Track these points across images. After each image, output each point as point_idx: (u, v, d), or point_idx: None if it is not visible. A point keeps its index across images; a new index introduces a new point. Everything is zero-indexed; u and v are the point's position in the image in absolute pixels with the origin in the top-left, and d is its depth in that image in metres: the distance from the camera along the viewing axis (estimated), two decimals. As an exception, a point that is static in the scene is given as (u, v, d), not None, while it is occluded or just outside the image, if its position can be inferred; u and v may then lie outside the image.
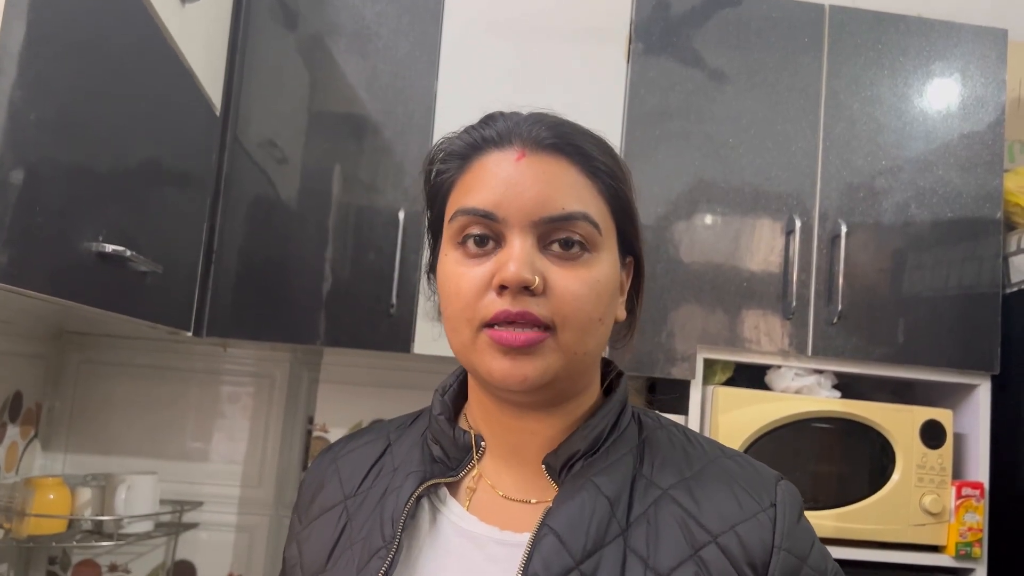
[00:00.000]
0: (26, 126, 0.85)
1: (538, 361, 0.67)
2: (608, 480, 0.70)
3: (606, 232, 0.71)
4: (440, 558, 0.71)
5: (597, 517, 0.68)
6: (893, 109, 1.80)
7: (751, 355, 1.73)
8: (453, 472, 0.76)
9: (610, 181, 0.72)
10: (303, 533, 0.80)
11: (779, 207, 1.76)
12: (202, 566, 1.89)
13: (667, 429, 0.78)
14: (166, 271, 1.30)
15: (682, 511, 0.69)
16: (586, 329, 0.68)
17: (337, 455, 0.84)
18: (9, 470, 1.72)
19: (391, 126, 1.72)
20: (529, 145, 0.70)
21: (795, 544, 0.69)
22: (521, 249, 0.67)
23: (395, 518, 0.72)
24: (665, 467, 0.73)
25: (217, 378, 1.94)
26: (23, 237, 0.86)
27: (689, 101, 1.77)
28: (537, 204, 0.68)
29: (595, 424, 0.73)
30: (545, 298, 0.67)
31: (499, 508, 0.73)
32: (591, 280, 0.69)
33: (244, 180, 1.68)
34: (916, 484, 1.69)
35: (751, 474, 0.73)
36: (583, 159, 0.71)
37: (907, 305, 1.76)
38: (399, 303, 1.65)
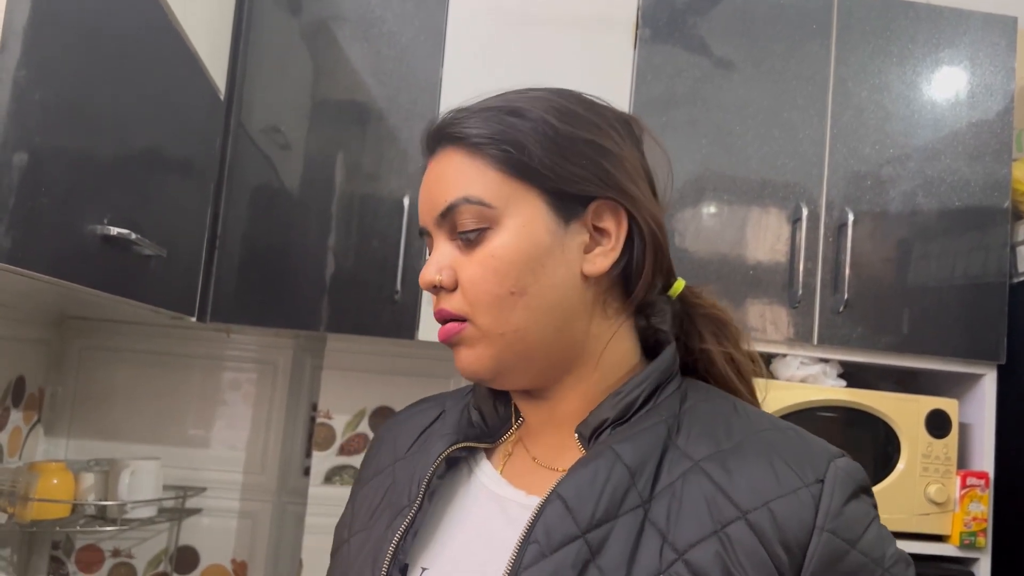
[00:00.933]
0: (30, 107, 0.84)
1: (468, 350, 0.70)
2: (631, 447, 0.66)
3: (504, 201, 0.68)
4: (462, 519, 0.72)
5: (612, 485, 0.64)
6: (901, 97, 1.79)
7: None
8: (490, 438, 0.76)
9: (501, 145, 0.68)
10: (357, 495, 0.82)
11: (786, 195, 1.75)
12: (205, 551, 1.89)
13: (713, 401, 0.72)
14: (170, 256, 1.29)
15: (712, 484, 0.64)
16: (497, 306, 0.67)
17: (397, 420, 0.87)
18: (12, 455, 1.72)
19: (395, 112, 1.71)
20: (437, 149, 0.72)
21: (842, 526, 0.62)
22: (434, 251, 0.71)
23: (421, 478, 0.72)
24: (701, 438, 0.67)
25: (220, 364, 1.94)
26: (27, 219, 0.86)
27: (696, 89, 1.76)
28: (431, 205, 0.71)
29: (627, 391, 0.70)
30: (457, 292, 0.69)
31: (530, 473, 0.72)
32: (485, 259, 0.68)
33: (248, 166, 1.67)
34: (921, 473, 1.68)
35: (799, 448, 0.66)
36: (464, 137, 0.70)
37: (913, 294, 1.75)
38: (403, 290, 1.65)
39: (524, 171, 0.69)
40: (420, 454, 0.77)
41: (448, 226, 0.70)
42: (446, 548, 0.70)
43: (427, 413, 0.84)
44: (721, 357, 0.78)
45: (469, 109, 0.72)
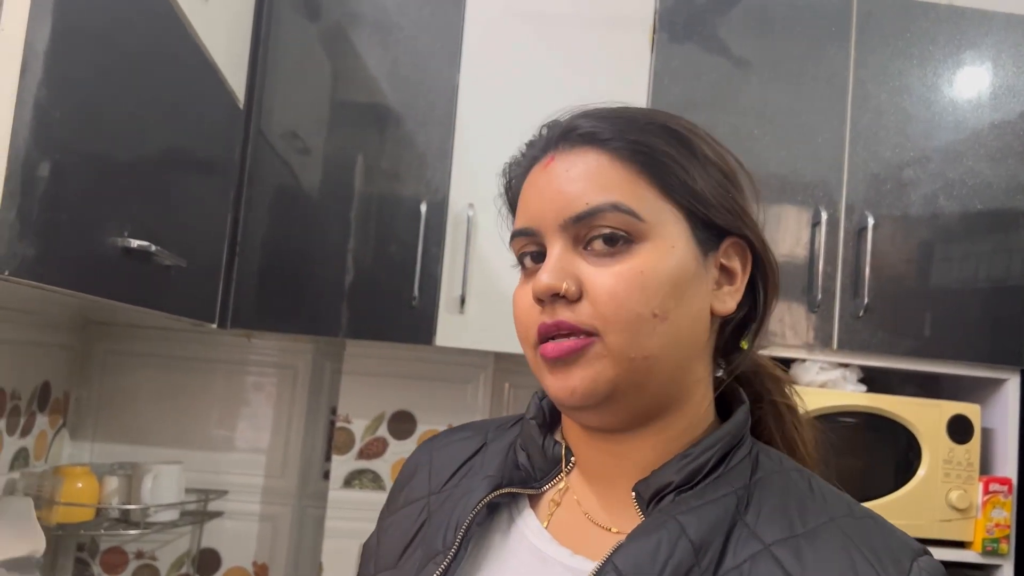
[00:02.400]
0: (51, 123, 0.86)
1: (585, 370, 0.61)
2: (697, 521, 0.60)
3: (655, 218, 0.63)
4: (500, 573, 0.66)
5: (675, 562, 0.58)
6: (922, 99, 1.77)
7: (776, 348, 1.72)
8: (536, 483, 0.70)
9: (661, 162, 0.64)
10: (385, 522, 0.78)
11: (805, 199, 1.74)
12: (227, 554, 1.91)
13: (787, 474, 0.66)
14: (190, 264, 1.31)
15: (783, 573, 0.58)
16: (636, 328, 0.61)
17: (434, 446, 0.81)
18: (39, 459, 1.74)
19: (413, 117, 1.72)
20: (560, 144, 0.66)
21: None
22: (553, 256, 0.63)
23: (459, 524, 0.67)
24: (773, 518, 0.62)
25: (241, 368, 1.95)
26: (48, 233, 0.87)
27: (714, 91, 1.76)
28: (562, 205, 0.63)
29: (696, 454, 0.64)
30: (584, 303, 0.62)
31: (579, 529, 0.67)
32: (632, 272, 0.61)
33: (267, 172, 1.69)
34: (943, 479, 1.67)
35: (880, 540, 0.60)
36: (620, 142, 0.64)
37: (935, 298, 1.73)
38: (421, 295, 1.66)
39: (675, 189, 0.64)
40: (458, 492, 0.72)
41: (576, 232, 0.63)
42: None
43: (468, 443, 0.78)
44: (786, 411, 0.74)
45: (604, 113, 0.67)
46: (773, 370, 0.75)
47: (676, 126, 0.67)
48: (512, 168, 0.73)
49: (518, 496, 0.71)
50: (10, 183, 0.78)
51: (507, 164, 0.73)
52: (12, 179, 0.78)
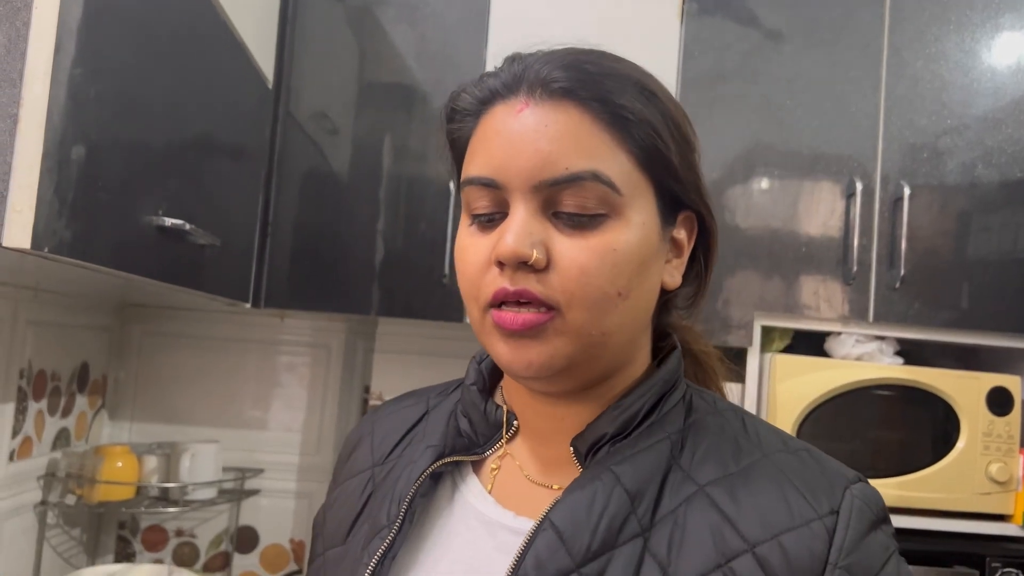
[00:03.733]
0: (86, 103, 0.86)
1: (543, 346, 0.59)
2: (632, 470, 0.61)
3: (631, 191, 0.60)
4: (446, 541, 0.66)
5: (611, 512, 0.59)
6: (959, 65, 1.73)
7: (810, 322, 1.70)
8: (479, 449, 0.70)
9: (640, 129, 0.61)
10: (330, 497, 0.77)
11: (839, 170, 1.71)
12: (264, 531, 1.94)
13: (722, 415, 0.67)
14: (224, 244, 1.32)
15: (717, 513, 0.59)
16: (601, 307, 0.59)
17: (377, 417, 0.80)
18: (79, 439, 1.78)
19: (441, 95, 1.69)
20: (536, 92, 0.61)
21: (858, 562, 0.57)
22: (520, 219, 0.59)
23: (402, 496, 0.66)
24: (707, 459, 0.62)
25: (275, 348, 1.97)
26: (86, 212, 0.88)
27: (744, 62, 1.73)
28: (537, 165, 0.59)
29: (628, 404, 0.64)
30: (550, 273, 0.59)
31: (521, 490, 0.66)
32: (604, 249, 0.59)
33: (297, 152, 1.69)
34: (982, 452, 1.65)
35: (814, 473, 0.61)
36: (601, 104, 0.60)
37: (972, 269, 1.70)
38: (451, 273, 1.66)
39: (655, 164, 0.62)
40: (402, 463, 0.71)
41: (548, 195, 0.60)
42: (428, 575, 0.65)
43: (410, 411, 0.78)
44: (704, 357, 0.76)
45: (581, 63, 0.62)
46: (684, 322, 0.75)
47: (655, 88, 0.64)
48: (461, 96, 0.66)
49: (462, 463, 0.70)
50: (47, 161, 0.79)
51: (455, 91, 0.67)
52: (49, 157, 0.79)
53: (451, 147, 0.69)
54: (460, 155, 0.67)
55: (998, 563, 1.60)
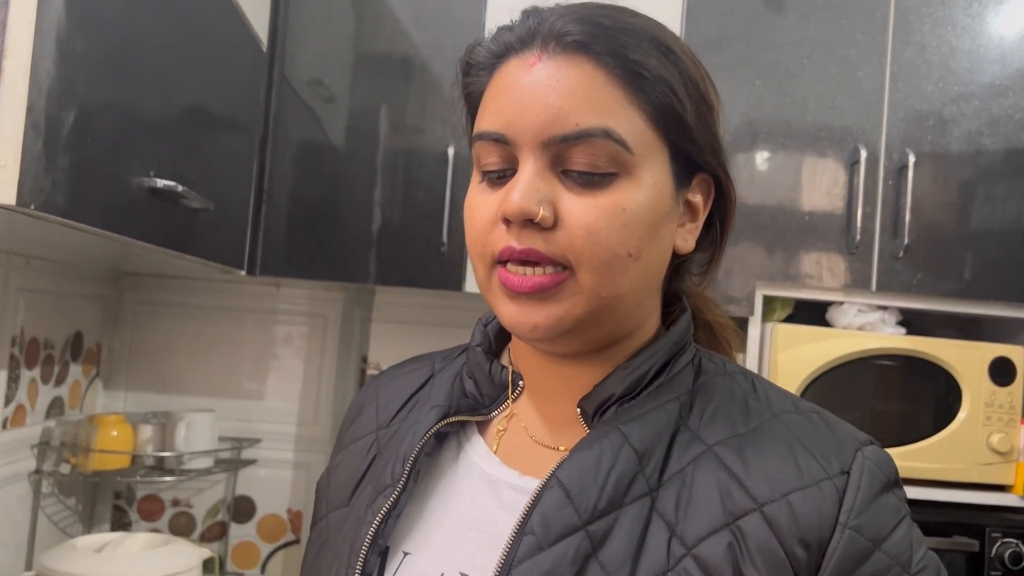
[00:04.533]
0: (73, 56, 0.84)
1: (551, 307, 0.58)
2: (640, 429, 0.60)
3: (643, 150, 0.59)
4: (451, 501, 0.66)
5: (618, 471, 0.58)
6: (967, 31, 1.70)
7: (812, 291, 1.68)
8: (485, 410, 0.69)
9: (655, 87, 0.59)
10: (334, 461, 0.77)
11: (843, 137, 1.68)
12: (261, 501, 1.93)
13: (731, 376, 0.66)
14: (218, 209, 1.29)
15: (725, 472, 0.58)
16: (611, 268, 0.58)
17: (381, 382, 0.80)
18: (73, 407, 1.76)
19: (439, 60, 1.68)
20: (549, 45, 0.59)
21: (867, 523, 0.56)
22: (528, 175, 0.58)
23: (407, 455, 0.66)
24: (716, 419, 0.62)
25: (271, 317, 1.95)
26: (74, 170, 0.86)
27: (749, 27, 1.70)
28: (547, 120, 0.57)
29: (637, 365, 0.63)
30: (557, 232, 0.57)
31: (527, 451, 0.66)
32: (614, 208, 0.57)
33: (292, 119, 1.66)
34: (984, 422, 1.64)
35: (823, 435, 0.61)
36: (615, 59, 0.58)
37: (977, 238, 1.68)
38: (450, 242, 1.63)
39: (669, 124, 0.60)
40: (407, 425, 0.70)
41: (557, 152, 0.58)
42: (432, 533, 0.64)
43: (415, 375, 0.77)
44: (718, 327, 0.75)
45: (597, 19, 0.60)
46: (700, 290, 0.74)
47: (678, 49, 0.62)
48: (476, 50, 0.65)
49: (466, 424, 0.70)
50: (33, 114, 0.77)
51: (470, 45, 0.66)
52: (34, 111, 0.77)
53: (465, 101, 0.68)
54: (474, 110, 0.66)
55: (998, 533, 1.60)
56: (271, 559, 1.92)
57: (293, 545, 1.93)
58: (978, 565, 1.59)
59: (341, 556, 0.66)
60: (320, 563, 0.70)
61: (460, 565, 0.62)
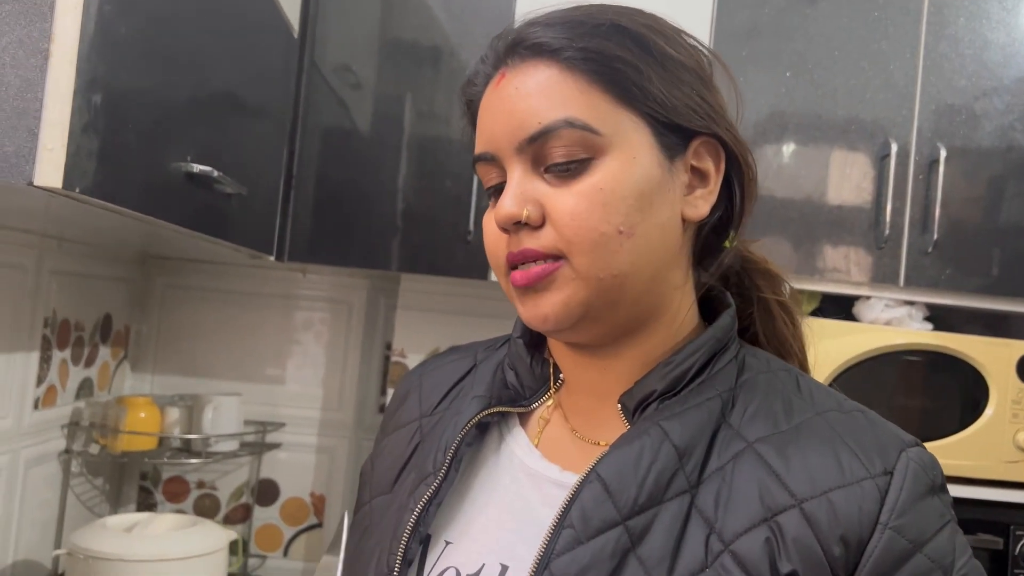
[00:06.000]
0: (116, 41, 0.84)
1: (554, 295, 0.60)
2: (681, 426, 0.60)
3: (613, 128, 0.60)
4: (491, 492, 0.66)
5: (658, 467, 0.58)
6: (1002, 24, 1.68)
7: (840, 285, 1.67)
8: (526, 401, 0.70)
9: (613, 66, 0.60)
10: (378, 447, 0.78)
11: (874, 131, 1.67)
12: (285, 485, 1.95)
13: (775, 374, 0.65)
14: (249, 195, 1.30)
15: (766, 469, 0.58)
16: (602, 246, 0.59)
17: (424, 370, 0.81)
18: (102, 389, 1.78)
19: (468, 47, 1.68)
20: (509, 60, 0.63)
21: (909, 524, 0.56)
22: (513, 182, 0.61)
23: (448, 445, 0.67)
24: (758, 417, 0.61)
25: (296, 304, 1.97)
26: (116, 154, 0.87)
27: (780, 18, 1.69)
28: (515, 126, 0.60)
29: (679, 361, 0.63)
30: (547, 228, 0.60)
31: (567, 445, 0.66)
32: (591, 191, 0.59)
33: (321, 105, 1.67)
34: (1011, 420, 1.62)
35: (867, 434, 0.60)
36: (567, 52, 0.60)
37: (1006, 234, 1.67)
38: (476, 230, 1.64)
39: (634, 95, 0.61)
40: (449, 414, 0.71)
41: (534, 153, 0.60)
42: (473, 523, 0.65)
43: (458, 365, 0.78)
44: (778, 308, 0.72)
45: (553, 19, 0.63)
46: (765, 265, 0.73)
47: (629, 24, 0.63)
48: (468, 88, 0.68)
49: (508, 415, 0.70)
50: (78, 99, 0.78)
51: (464, 83, 0.69)
52: (80, 95, 0.78)
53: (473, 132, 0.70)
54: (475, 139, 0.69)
55: (1023, 531, 1.59)
56: (294, 542, 1.94)
57: (316, 529, 1.95)
58: (1002, 563, 1.58)
59: (383, 542, 0.66)
60: (363, 548, 0.70)
61: (501, 556, 0.62)
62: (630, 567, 0.56)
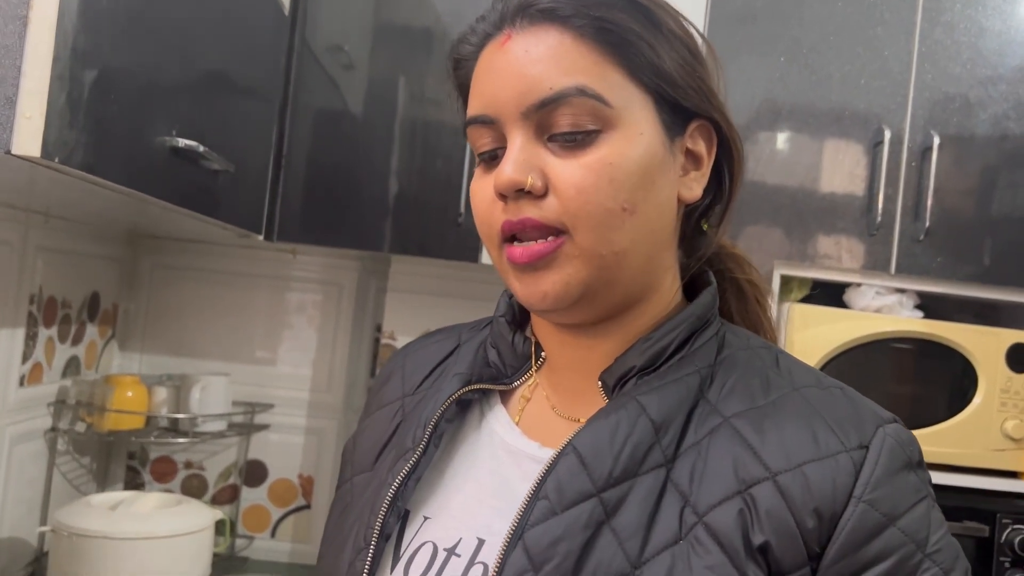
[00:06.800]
0: (99, 16, 0.83)
1: (555, 274, 0.59)
2: (658, 400, 0.60)
3: (623, 102, 0.59)
4: (470, 469, 0.66)
5: (633, 441, 0.58)
6: (998, 11, 1.67)
7: (831, 272, 1.67)
8: (507, 380, 0.70)
9: (627, 40, 0.59)
10: (361, 426, 0.78)
11: (868, 117, 1.66)
12: (273, 466, 1.94)
13: (754, 351, 0.65)
14: (237, 173, 1.29)
15: (741, 443, 0.58)
16: (607, 224, 0.58)
17: (408, 351, 0.81)
18: (89, 367, 1.77)
19: (461, 28, 1.66)
20: (518, 21, 0.60)
21: (883, 498, 0.56)
22: (515, 148, 0.59)
23: (428, 420, 0.67)
24: (735, 392, 0.61)
25: (286, 284, 1.96)
26: (98, 125, 0.86)
27: (775, 3, 1.67)
28: (522, 91, 0.59)
29: (659, 337, 0.63)
30: (549, 198, 0.58)
31: (547, 423, 0.66)
32: (599, 165, 0.58)
33: (312, 85, 1.65)
34: (999, 409, 1.63)
35: (844, 410, 0.60)
36: (582, 19, 0.59)
37: (998, 224, 1.67)
38: (467, 213, 1.63)
39: (643, 70, 0.60)
40: (431, 392, 0.71)
41: (539, 120, 0.59)
42: (452, 499, 0.65)
43: (441, 345, 0.78)
44: (750, 288, 0.73)
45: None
46: (732, 249, 0.74)
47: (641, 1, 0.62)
48: (460, 46, 0.66)
49: (490, 393, 0.70)
50: (58, 67, 0.76)
51: (455, 41, 0.67)
52: (59, 63, 0.77)
53: (460, 95, 0.69)
54: (463, 102, 0.68)
55: (1008, 519, 1.59)
56: (281, 523, 1.94)
57: (304, 510, 1.94)
58: (988, 550, 1.59)
59: (362, 518, 0.66)
60: (342, 524, 0.70)
61: (478, 531, 0.62)
62: (604, 538, 0.56)
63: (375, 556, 0.64)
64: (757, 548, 0.55)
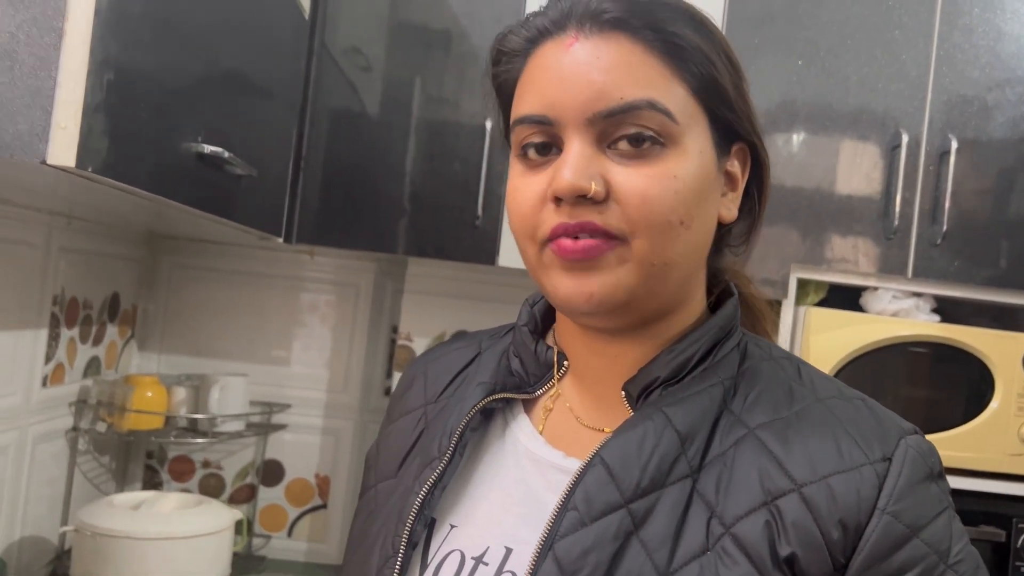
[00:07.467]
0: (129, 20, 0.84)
1: (605, 276, 0.59)
2: (683, 412, 0.61)
3: (687, 120, 0.60)
4: (495, 477, 0.67)
5: (660, 452, 0.59)
6: (1017, 15, 1.67)
7: (847, 276, 1.67)
8: (530, 388, 0.70)
9: (693, 57, 0.60)
10: (384, 433, 0.79)
11: (885, 120, 1.66)
12: (290, 465, 1.95)
13: (776, 362, 0.66)
14: (259, 176, 1.30)
15: (766, 454, 0.59)
16: (665, 235, 0.58)
17: (429, 358, 0.81)
18: (109, 367, 1.79)
19: (477, 31, 1.67)
20: (585, 25, 0.60)
21: (907, 510, 0.56)
22: (575, 153, 0.58)
23: (453, 430, 0.67)
24: (759, 403, 0.62)
25: (303, 286, 1.97)
26: (129, 133, 0.87)
27: (793, 5, 1.67)
28: (591, 97, 0.58)
29: (683, 348, 0.64)
30: (610, 205, 0.58)
31: (571, 433, 0.67)
32: (665, 177, 0.58)
33: (330, 87, 1.66)
34: (1016, 413, 1.62)
35: (867, 421, 0.61)
36: (653, 33, 0.59)
37: (1016, 227, 1.66)
38: (484, 215, 1.64)
39: (709, 93, 0.62)
40: (454, 400, 0.72)
41: (603, 128, 0.59)
42: (478, 507, 0.66)
43: (462, 353, 0.79)
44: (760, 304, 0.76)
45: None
46: (738, 267, 0.75)
47: (703, 17, 0.63)
48: (509, 37, 0.65)
49: (513, 402, 0.71)
50: (92, 78, 0.77)
51: (503, 33, 0.66)
52: (93, 74, 0.78)
53: (497, 92, 0.69)
54: (507, 99, 0.66)
55: (1025, 524, 1.59)
56: (298, 523, 1.95)
57: (320, 510, 1.96)
58: (1004, 555, 1.59)
59: (388, 525, 0.67)
60: (367, 531, 0.71)
61: (505, 539, 0.63)
62: (632, 549, 0.57)
63: (403, 564, 0.65)
64: (784, 559, 0.56)
